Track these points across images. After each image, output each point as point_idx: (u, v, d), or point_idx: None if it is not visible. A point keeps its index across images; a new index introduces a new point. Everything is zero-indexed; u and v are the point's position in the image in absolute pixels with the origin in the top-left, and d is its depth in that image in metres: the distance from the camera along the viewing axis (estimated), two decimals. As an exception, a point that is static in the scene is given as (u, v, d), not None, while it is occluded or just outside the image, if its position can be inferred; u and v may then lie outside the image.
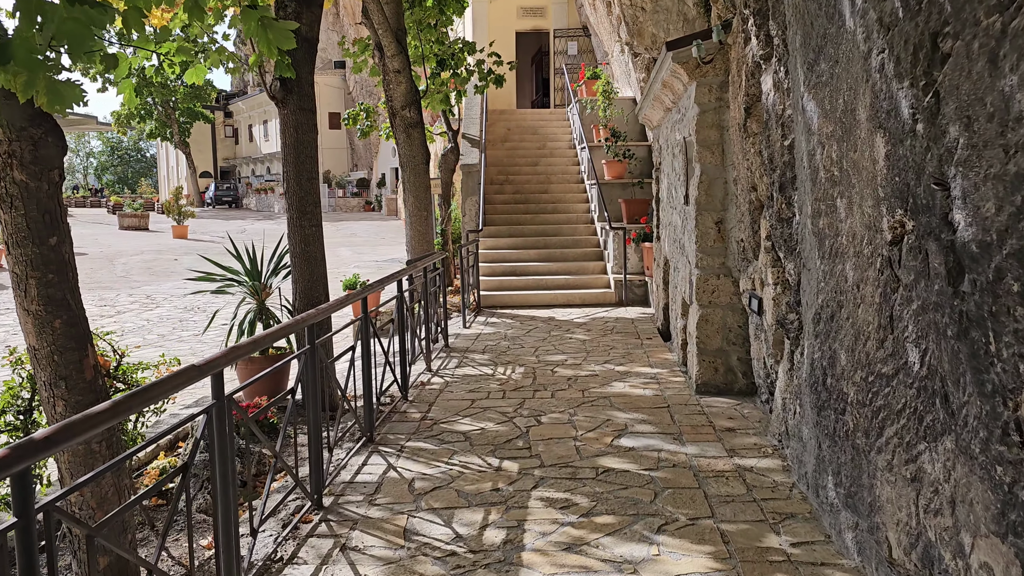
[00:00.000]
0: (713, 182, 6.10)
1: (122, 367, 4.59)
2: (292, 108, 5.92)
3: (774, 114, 4.41)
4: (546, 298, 11.36)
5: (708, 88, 6.05)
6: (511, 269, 12.05)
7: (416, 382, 6.94)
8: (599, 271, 12.08)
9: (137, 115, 48.09)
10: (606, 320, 10.08)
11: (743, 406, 5.84)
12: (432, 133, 14.50)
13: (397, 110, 10.90)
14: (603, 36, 16.80)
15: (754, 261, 5.44)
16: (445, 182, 13.85)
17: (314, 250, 6.12)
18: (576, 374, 7.10)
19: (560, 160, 15.56)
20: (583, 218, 13.56)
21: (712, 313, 6.17)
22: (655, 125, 9.57)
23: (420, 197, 11.06)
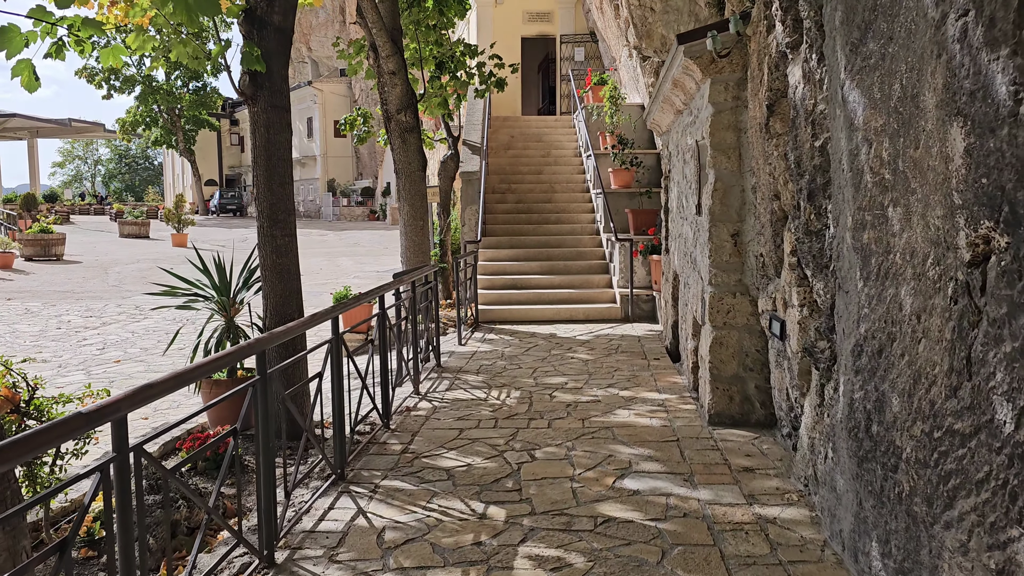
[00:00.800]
0: (729, 190, 5.50)
1: (36, 401, 4.00)
2: (263, 105, 5.35)
3: (803, 110, 3.81)
4: (548, 313, 10.75)
5: (724, 85, 5.46)
6: (512, 282, 11.46)
7: (401, 407, 6.34)
8: (604, 285, 11.47)
9: (142, 122, 47.88)
10: (611, 338, 9.46)
11: (762, 440, 5.21)
12: (432, 139, 13.96)
13: (392, 114, 10.35)
14: (611, 41, 16.25)
15: (776, 279, 4.83)
16: (444, 190, 13.28)
17: (287, 262, 5.53)
18: (576, 399, 6.48)
19: (565, 168, 14.98)
20: (588, 229, 12.97)
21: (727, 336, 5.55)
22: (664, 130, 8.98)
23: (416, 205, 10.49)
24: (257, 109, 5.35)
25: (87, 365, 10.17)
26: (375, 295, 5.54)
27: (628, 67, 14.39)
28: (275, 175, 5.42)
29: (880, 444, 2.85)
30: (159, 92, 47.23)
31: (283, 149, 5.45)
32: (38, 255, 21.34)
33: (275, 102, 5.40)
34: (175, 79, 48.60)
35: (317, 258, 25.06)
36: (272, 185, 5.42)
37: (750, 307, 5.51)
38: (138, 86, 47.34)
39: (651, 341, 9.18)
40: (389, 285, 6.18)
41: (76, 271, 20.09)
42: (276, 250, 5.48)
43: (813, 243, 3.97)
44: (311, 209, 45.92)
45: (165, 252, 25.18)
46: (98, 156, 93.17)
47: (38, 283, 17.96)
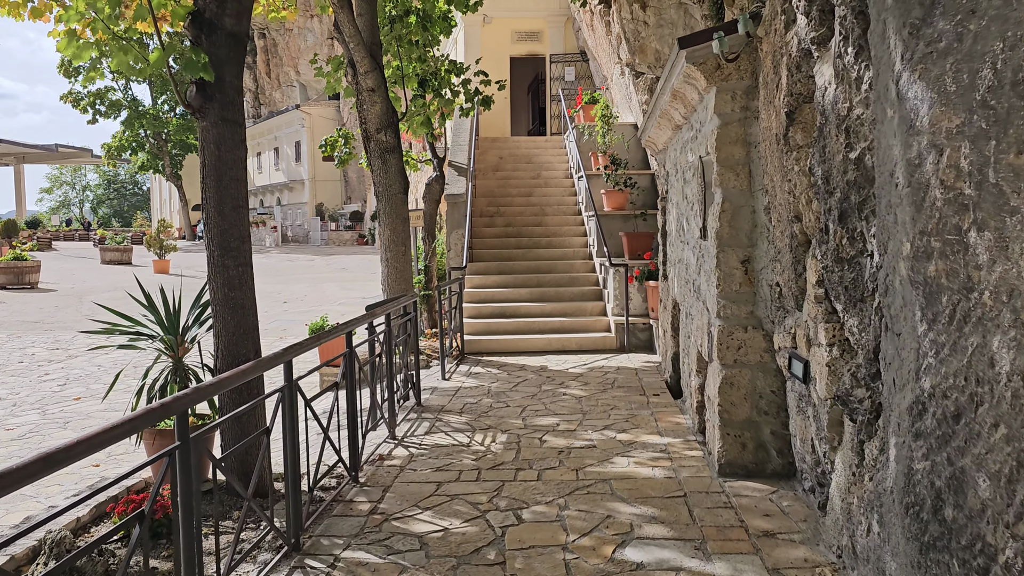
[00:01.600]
0: (738, 211, 4.90)
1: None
2: (212, 119, 4.73)
3: (834, 116, 3.21)
4: (538, 343, 10.11)
5: (731, 94, 4.87)
6: (500, 310, 10.82)
7: (374, 455, 5.67)
8: (598, 312, 10.85)
9: (128, 147, 47.28)
10: (606, 371, 8.82)
11: (781, 496, 4.56)
12: (416, 161, 13.38)
13: (372, 133, 9.76)
14: (602, 59, 15.77)
15: (795, 312, 4.22)
16: (429, 214, 12.68)
17: (240, 296, 4.89)
18: (569, 445, 5.83)
19: (556, 190, 14.42)
20: (580, 253, 12.37)
21: (738, 375, 4.92)
22: (660, 148, 8.41)
23: (397, 230, 9.88)
24: (206, 124, 4.74)
25: (44, 403, 9.47)
26: (342, 331, 4.90)
27: (620, 85, 13.88)
28: (227, 197, 4.80)
29: (958, 535, 2.22)
30: (145, 116, 46.76)
31: (236, 168, 4.83)
32: (11, 283, 20.61)
33: (227, 115, 4.78)
34: (162, 103, 48.17)
35: (302, 284, 24.41)
36: (223, 209, 4.79)
37: (764, 343, 4.89)
38: (124, 111, 46.86)
39: (649, 374, 8.55)
40: (360, 319, 5.54)
41: (49, 300, 19.36)
42: (228, 282, 4.84)
43: (845, 272, 3.36)
44: (299, 234, 45.28)
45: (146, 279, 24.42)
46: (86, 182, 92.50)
47: (7, 313, 17.22)
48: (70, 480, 6.48)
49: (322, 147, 13.27)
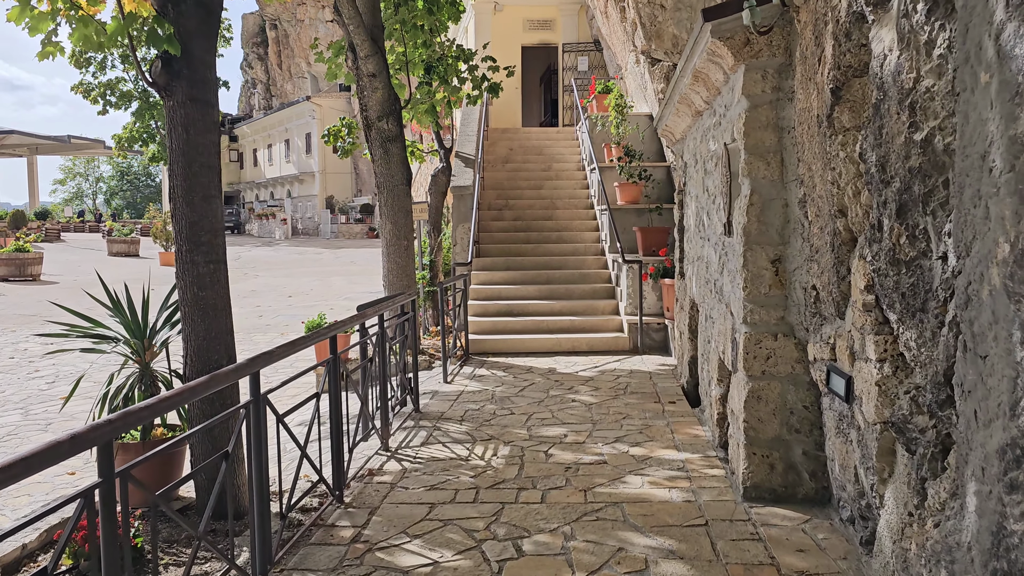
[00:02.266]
0: (768, 204, 4.36)
1: None
2: (180, 98, 4.24)
3: (895, 89, 2.68)
4: (547, 344, 9.59)
5: (761, 73, 4.33)
6: (507, 308, 10.31)
7: (362, 471, 5.18)
8: (610, 311, 10.32)
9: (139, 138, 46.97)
10: (618, 374, 8.29)
11: (815, 526, 4.03)
12: (422, 152, 12.88)
13: (373, 121, 9.27)
14: (616, 48, 15.21)
15: (836, 320, 3.69)
16: (435, 207, 12.17)
17: (212, 296, 4.40)
18: (577, 460, 5.32)
19: (567, 183, 13.88)
20: (592, 249, 11.83)
21: (767, 388, 4.39)
22: (678, 138, 7.87)
23: (399, 223, 9.39)
24: (173, 103, 4.24)
25: (29, 403, 9.04)
26: (324, 335, 4.40)
27: (635, 74, 13.33)
28: (196, 186, 4.30)
29: (1079, 626, 1.69)
30: (156, 107, 46.41)
31: (207, 154, 4.33)
32: (12, 276, 20.28)
33: (196, 94, 4.28)
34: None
35: (309, 277, 24.00)
36: (192, 199, 4.30)
37: (796, 352, 4.35)
38: (135, 101, 46.55)
39: (664, 378, 8.02)
40: (348, 321, 5.05)
41: (50, 293, 18.99)
42: (197, 280, 4.35)
43: (902, 276, 2.83)
44: (309, 226, 44.92)
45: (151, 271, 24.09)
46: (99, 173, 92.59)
47: (4, 306, 16.87)
48: (41, 490, 6.04)
49: (325, 136, 12.78)
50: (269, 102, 55.51)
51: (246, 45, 56.79)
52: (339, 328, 4.57)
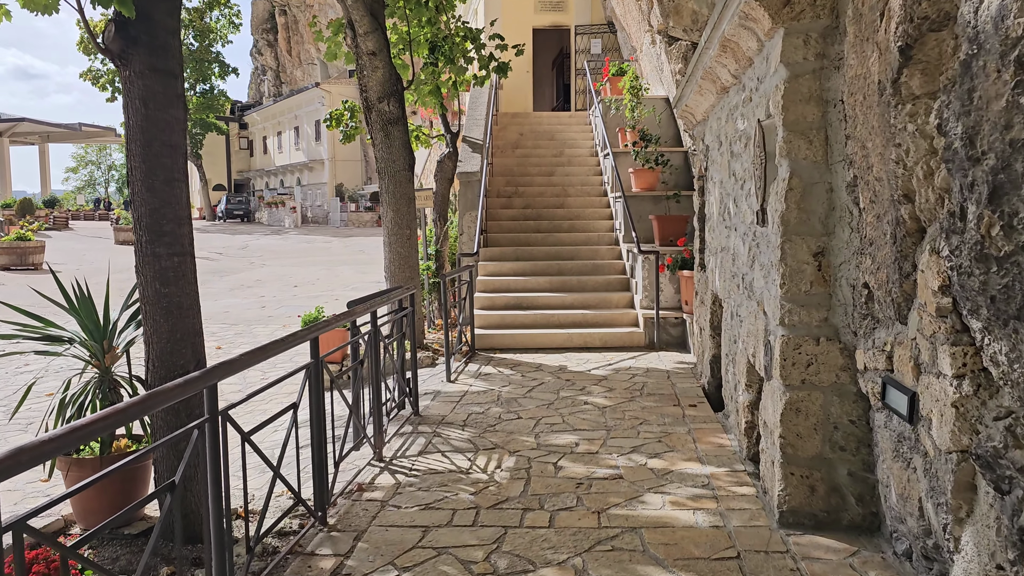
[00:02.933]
0: (810, 189, 3.80)
1: None
2: (137, 68, 3.72)
3: (996, 40, 2.12)
4: (558, 339, 9.06)
5: (803, 38, 3.76)
6: (515, 301, 9.77)
7: (351, 485, 4.67)
8: (624, 304, 9.77)
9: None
10: (633, 373, 7.75)
11: (865, 561, 3.49)
12: (428, 136, 12.34)
13: (373, 103, 8.74)
14: (631, 28, 14.59)
15: (894, 324, 3.13)
16: (441, 194, 11.64)
17: (176, 293, 3.89)
18: (590, 473, 4.79)
19: (580, 169, 13.30)
20: (606, 238, 11.27)
21: (806, 400, 3.84)
22: (699, 119, 7.29)
23: (401, 211, 8.87)
24: (130, 73, 3.72)
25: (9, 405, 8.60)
26: (304, 337, 3.88)
27: (650, 55, 12.72)
28: (158, 168, 3.78)
29: None
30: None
31: (169, 132, 3.81)
32: (14, 264, 19.92)
33: (157, 63, 3.76)
34: (182, 82, 47.36)
35: (316, 267, 23.55)
36: (153, 183, 3.78)
37: (841, 359, 3.80)
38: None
39: (683, 378, 7.47)
40: (335, 319, 4.53)
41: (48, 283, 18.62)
42: (160, 275, 3.84)
43: (992, 276, 2.28)
44: (319, 214, 44.50)
45: (156, 260, 23.68)
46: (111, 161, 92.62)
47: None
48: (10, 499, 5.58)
49: (327, 120, 12.26)
50: (279, 89, 55.02)
51: (255, 31, 56.29)
52: (320, 329, 4.05)
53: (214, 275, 21.11)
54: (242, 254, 27.54)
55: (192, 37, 47.56)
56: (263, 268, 23.47)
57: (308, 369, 3.97)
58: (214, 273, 21.49)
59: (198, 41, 47.68)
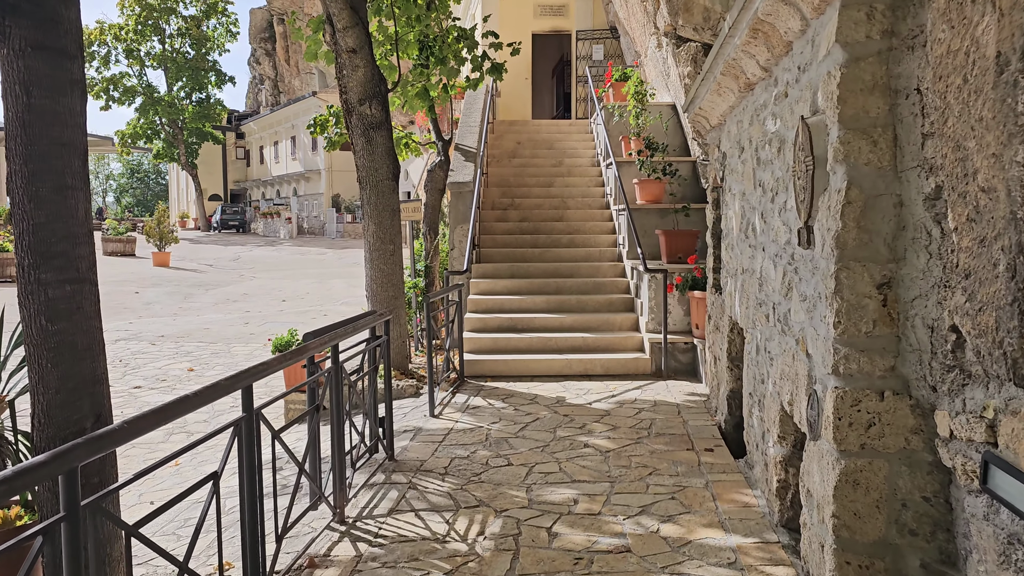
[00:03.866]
0: (873, 203, 3.00)
1: None
2: (18, 45, 2.92)
3: None
4: (556, 366, 8.23)
5: (866, 11, 2.97)
6: (510, 323, 8.95)
7: (300, 559, 3.84)
8: (629, 327, 8.95)
9: (143, 135, 45.88)
10: (639, 407, 6.92)
11: None
12: (419, 144, 11.55)
13: (354, 105, 7.96)
14: (635, 32, 13.84)
15: (1005, 385, 2.32)
16: (432, 205, 10.84)
17: (70, 330, 3.08)
18: (591, 544, 3.96)
19: (580, 180, 12.51)
20: (608, 254, 10.46)
21: (867, 469, 3.02)
22: (714, 124, 6.51)
23: (384, 224, 8.08)
24: (7, 51, 2.92)
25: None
26: (228, 388, 3.05)
27: (656, 60, 11.95)
28: (44, 173, 2.98)
29: None
30: (160, 103, 45.38)
31: (60, 127, 3.01)
32: (-9, 276, 19.12)
33: (45, 40, 2.96)
34: (178, 90, 46.78)
35: (308, 279, 22.76)
36: (38, 191, 2.97)
37: (913, 418, 2.98)
38: (139, 97, 45.52)
39: (696, 413, 6.64)
40: (282, 359, 3.71)
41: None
42: (48, 308, 3.03)
43: None
44: (315, 225, 43.71)
45: (142, 272, 22.93)
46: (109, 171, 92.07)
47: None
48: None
49: (311, 127, 11.48)
50: (277, 98, 54.34)
51: (254, 40, 55.68)
52: (255, 375, 3.23)
53: (200, 288, 20.32)
54: (232, 266, 26.74)
55: (189, 46, 47.03)
56: (252, 281, 22.67)
57: (238, 427, 3.15)
58: (200, 286, 20.70)
59: (195, 50, 47.15)
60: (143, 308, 16.89)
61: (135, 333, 13.69)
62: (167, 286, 20.33)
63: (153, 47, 45.91)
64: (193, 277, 22.58)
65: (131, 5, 44.40)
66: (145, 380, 9.98)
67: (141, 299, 17.97)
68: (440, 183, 10.77)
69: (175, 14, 46.00)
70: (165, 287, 20.13)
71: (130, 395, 9.23)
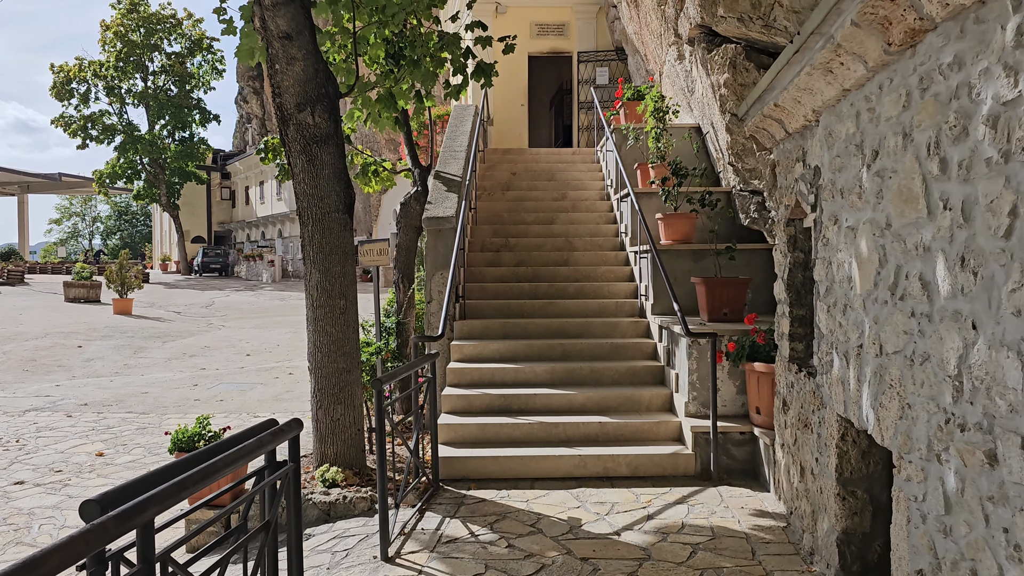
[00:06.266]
0: None
1: None
2: None
3: None
4: (564, 465, 6.04)
5: None
6: (502, 402, 6.78)
7: None
8: (660, 407, 6.79)
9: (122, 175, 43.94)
10: (691, 539, 4.72)
11: None
12: (389, 171, 9.49)
13: (290, 111, 5.92)
14: (648, 47, 11.91)
15: None
16: (406, 246, 8.75)
17: None
18: None
19: (588, 216, 10.44)
20: (627, 308, 8.33)
21: None
22: (796, 127, 4.47)
23: (332, 272, 5.99)
24: None
25: None
26: None
27: (675, 75, 9.98)
28: None
29: None
30: (141, 142, 43.57)
31: None
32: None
33: None
34: (160, 129, 45.03)
35: (282, 328, 20.66)
36: None
37: None
38: (118, 135, 43.72)
39: (777, 552, 4.45)
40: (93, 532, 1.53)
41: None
42: None
43: None
44: (299, 268, 41.54)
45: (97, 322, 20.68)
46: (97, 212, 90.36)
47: None
48: None
49: (260, 152, 9.43)
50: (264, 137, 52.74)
51: (241, 79, 54.12)
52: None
53: (156, 340, 18.08)
54: (204, 313, 24.54)
55: (172, 83, 45.34)
56: (220, 331, 20.46)
57: None
58: (157, 338, 18.46)
59: (178, 87, 45.45)
60: (82, 366, 14.66)
61: (56, 400, 11.45)
62: (119, 338, 18.10)
63: (135, 84, 44.28)
64: (153, 327, 20.37)
65: (112, 42, 42.87)
66: (35, 471, 7.75)
67: (83, 355, 15.73)
68: (416, 219, 8.69)
69: (159, 51, 44.46)
70: (116, 339, 17.90)
71: (2, 496, 7.00)
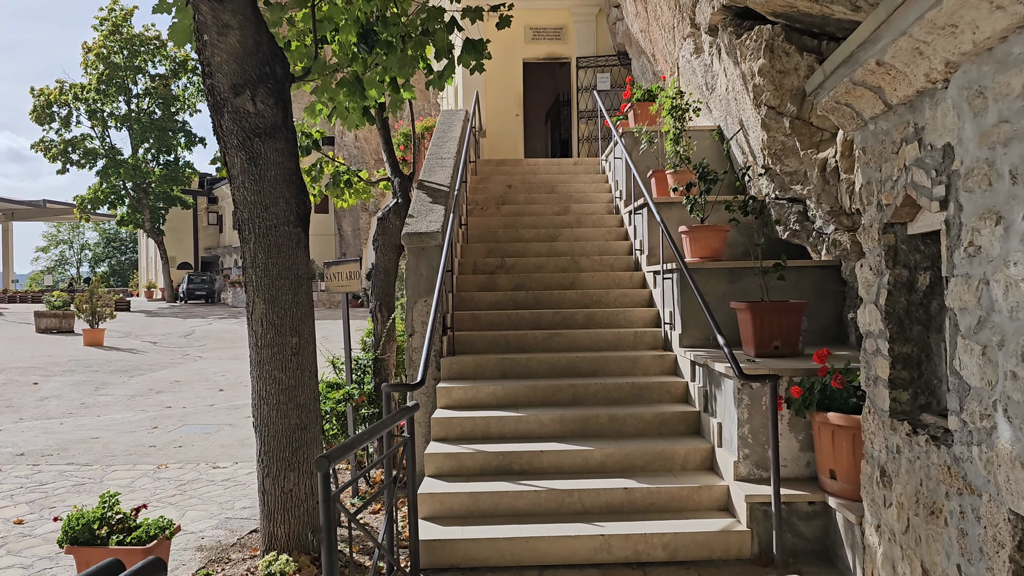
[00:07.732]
0: None
1: None
2: None
3: None
4: (583, 549, 4.66)
5: None
6: (500, 461, 5.41)
7: None
8: (698, 465, 5.42)
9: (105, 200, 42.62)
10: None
11: None
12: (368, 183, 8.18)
13: (224, 96, 4.60)
14: (658, 45, 10.68)
15: None
16: (385, 268, 7.41)
17: None
18: None
19: (595, 232, 9.12)
20: (647, 339, 6.99)
21: None
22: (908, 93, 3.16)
23: (282, 301, 4.62)
24: None
25: None
26: None
27: (694, 70, 8.73)
28: None
29: None
30: (124, 166, 42.29)
31: None
32: None
33: None
34: (144, 153, 43.77)
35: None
36: None
37: None
38: (101, 160, 42.45)
39: None
40: None
41: None
42: None
43: None
44: (288, 294, 40.17)
45: (60, 355, 19.22)
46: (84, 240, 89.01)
47: None
48: None
49: (215, 162, 8.13)
50: (252, 161, 51.43)
51: (229, 101, 53.11)
52: None
53: (123, 375, 16.64)
54: (181, 343, 23.10)
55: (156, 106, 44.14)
56: (195, 363, 19.01)
57: None
58: (124, 372, 17.01)
59: (162, 110, 44.23)
60: (33, 406, 13.22)
61: (-10, 448, 10.02)
62: (83, 373, 16.66)
63: (118, 107, 43.07)
64: (123, 359, 18.93)
65: (94, 64, 41.72)
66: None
67: (37, 393, 14.29)
68: (396, 236, 7.37)
69: (143, 73, 43.32)
70: (80, 374, 16.46)
71: None
